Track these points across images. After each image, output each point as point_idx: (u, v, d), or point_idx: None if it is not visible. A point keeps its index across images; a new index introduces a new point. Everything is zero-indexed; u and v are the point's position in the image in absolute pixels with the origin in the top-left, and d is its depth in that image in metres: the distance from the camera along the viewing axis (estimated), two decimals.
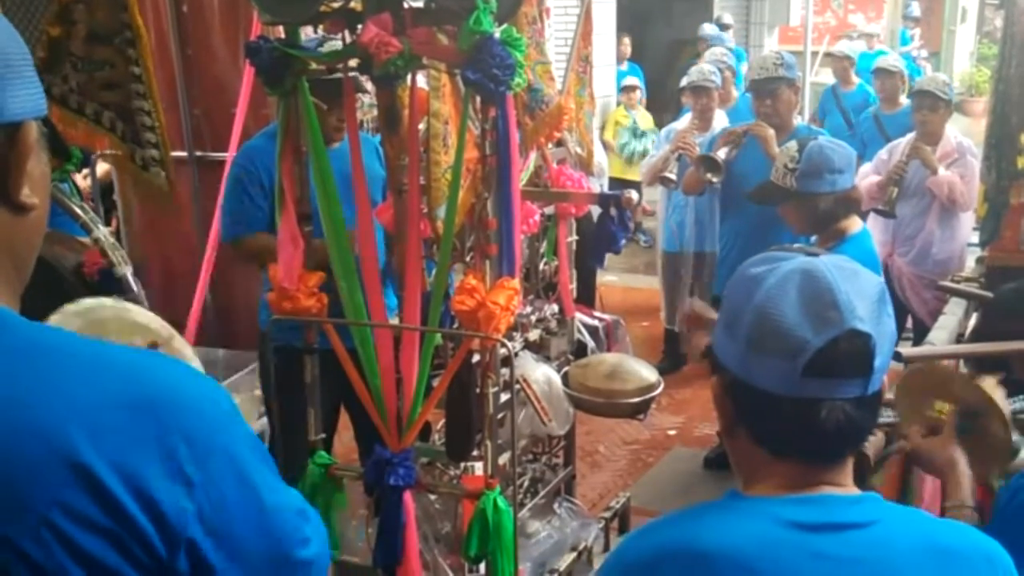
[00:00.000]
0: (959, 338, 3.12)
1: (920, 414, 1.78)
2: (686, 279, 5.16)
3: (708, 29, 8.53)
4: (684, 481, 4.17)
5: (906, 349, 3.31)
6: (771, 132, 3.65)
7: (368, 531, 2.34)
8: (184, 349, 1.61)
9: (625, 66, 8.68)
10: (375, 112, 2.48)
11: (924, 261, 4.33)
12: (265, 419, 3.59)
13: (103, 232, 2.50)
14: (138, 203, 4.05)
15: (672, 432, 4.71)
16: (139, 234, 4.25)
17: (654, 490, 4.05)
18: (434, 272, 2.17)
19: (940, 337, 3.03)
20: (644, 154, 7.43)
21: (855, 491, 1.09)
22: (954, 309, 3.42)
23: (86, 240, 2.54)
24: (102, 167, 3.20)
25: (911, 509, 1.12)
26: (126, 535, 0.79)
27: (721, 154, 3.80)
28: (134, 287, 2.51)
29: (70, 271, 2.53)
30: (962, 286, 3.48)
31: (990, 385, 1.72)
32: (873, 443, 2.07)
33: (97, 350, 0.86)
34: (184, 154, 4.03)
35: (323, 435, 2.43)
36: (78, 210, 2.49)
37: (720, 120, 5.01)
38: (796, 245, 1.34)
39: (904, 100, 5.66)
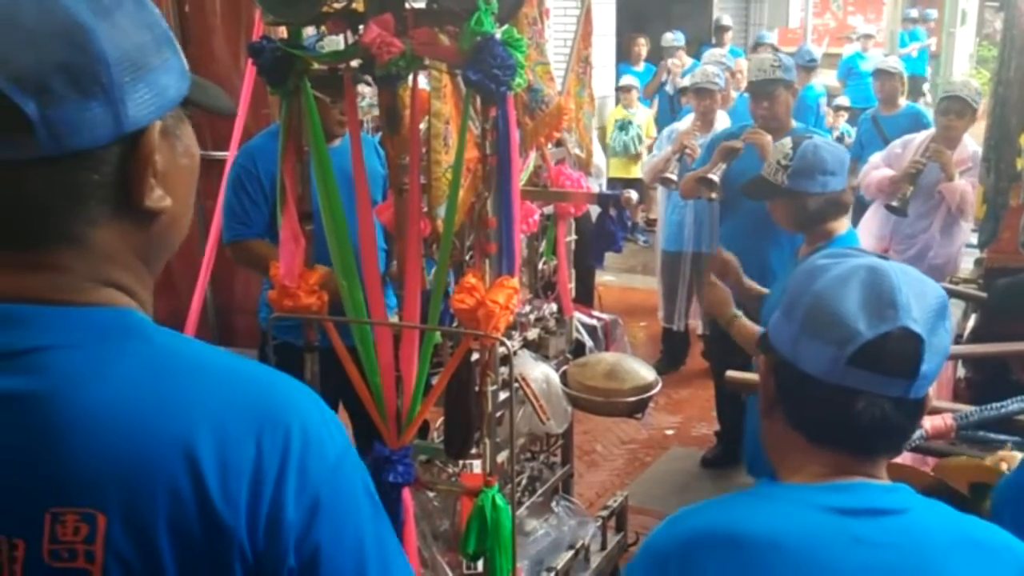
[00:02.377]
0: (958, 340, 3.12)
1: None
2: (685, 278, 5.18)
3: (669, 39, 8.54)
4: (681, 481, 4.18)
5: None
6: (768, 139, 3.66)
7: None
8: None
9: (641, 67, 8.67)
10: (375, 111, 2.49)
11: (920, 262, 4.32)
12: None
13: None
14: None
15: (670, 432, 4.72)
16: None
17: (651, 489, 4.06)
18: (434, 271, 2.19)
19: None
20: (627, 146, 7.47)
21: (888, 481, 1.10)
22: (952, 311, 3.41)
23: None
24: None
25: (938, 503, 1.12)
26: (223, 551, 0.77)
27: (716, 176, 3.83)
28: None
29: None
30: (960, 287, 3.49)
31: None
32: None
33: (229, 362, 0.85)
34: None
35: None
36: None
37: (722, 121, 5.03)
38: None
39: (903, 102, 5.67)
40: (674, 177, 4.42)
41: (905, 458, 2.28)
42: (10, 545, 0.75)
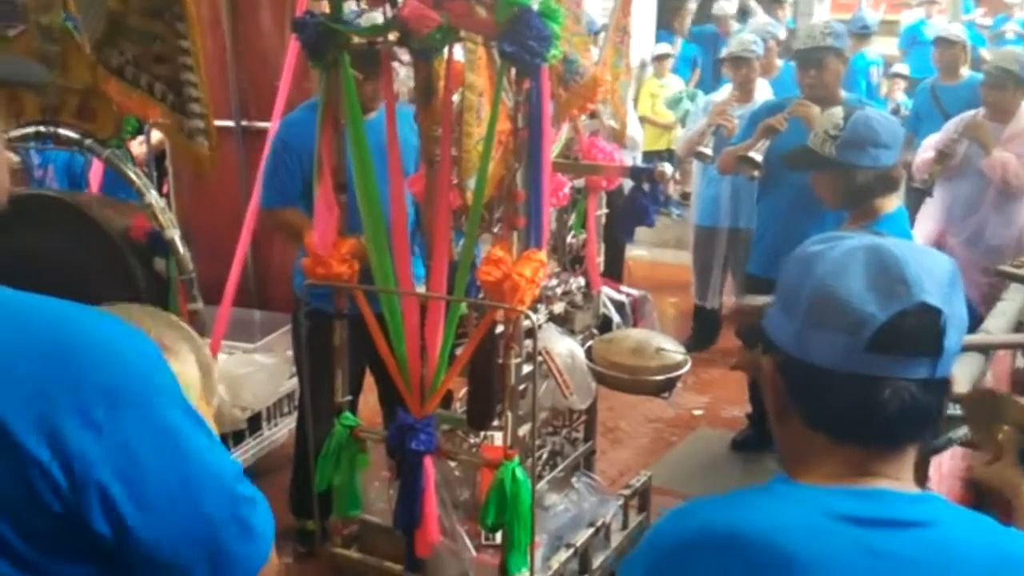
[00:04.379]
0: (1019, 327, 3.06)
1: (991, 438, 1.77)
2: (719, 256, 5.19)
3: (721, 6, 8.46)
4: (708, 463, 4.23)
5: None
6: (815, 111, 3.62)
7: (389, 493, 2.45)
8: (187, 357, 1.71)
9: (686, 35, 8.60)
10: (411, 84, 2.56)
11: (977, 244, 4.24)
12: (296, 379, 3.74)
13: (154, 197, 2.64)
14: (187, 168, 4.28)
15: (698, 412, 4.77)
16: (188, 199, 4.50)
17: (676, 470, 4.12)
18: (462, 242, 2.26)
19: (997, 325, 2.93)
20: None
21: (915, 488, 1.04)
22: (1013, 295, 3.26)
23: (139, 204, 2.68)
24: (156, 136, 3.36)
25: (978, 515, 1.04)
26: (32, 479, 0.86)
27: (758, 155, 3.79)
28: (181, 249, 2.65)
29: (119, 234, 2.67)
30: (1022, 271, 3.39)
31: None
32: None
33: (24, 301, 0.93)
34: (231, 123, 4.25)
35: (349, 397, 2.55)
36: (132, 175, 2.63)
37: (763, 91, 4.99)
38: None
39: (965, 72, 5.48)
40: (708, 151, 4.42)
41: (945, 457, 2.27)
42: None
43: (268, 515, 1.08)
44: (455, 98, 2.18)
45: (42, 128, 2.71)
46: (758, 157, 3.78)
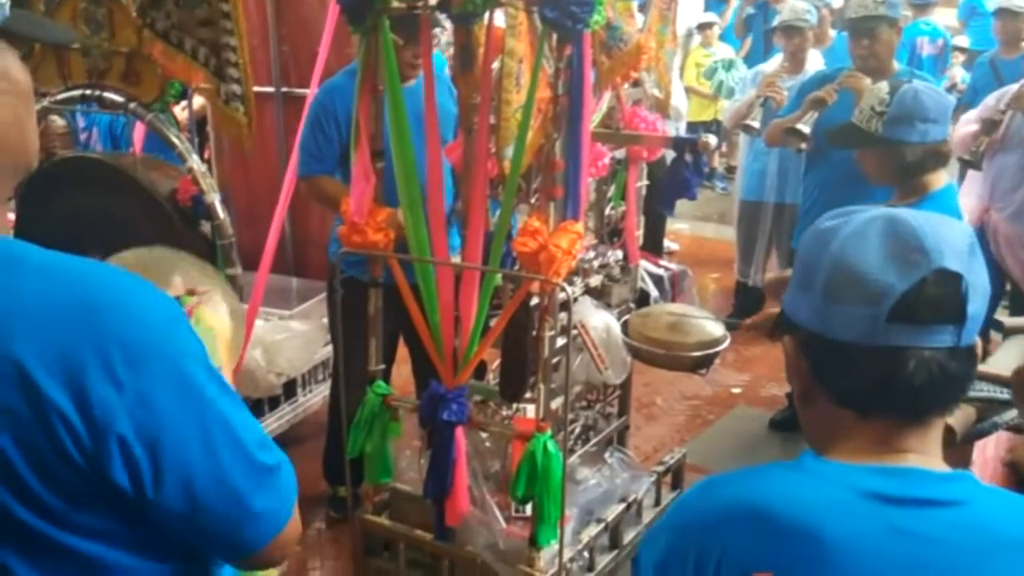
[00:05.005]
0: None
1: None
2: (764, 231, 5.13)
3: None
4: (745, 442, 4.21)
5: (1006, 318, 3.21)
6: (866, 82, 3.56)
7: (420, 462, 2.48)
8: (219, 305, 1.72)
9: (734, 2, 8.46)
10: (451, 50, 2.55)
11: (1023, 219, 4.19)
12: (331, 347, 3.78)
13: (195, 161, 2.68)
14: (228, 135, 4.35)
15: (736, 390, 4.74)
16: (228, 165, 4.55)
17: (712, 448, 4.10)
18: (498, 212, 2.26)
19: None
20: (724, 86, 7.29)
21: (945, 467, 1.03)
22: None
23: (181, 168, 2.72)
24: (198, 101, 3.40)
25: (1011, 494, 1.04)
26: (56, 431, 0.90)
27: (806, 127, 3.74)
28: (220, 214, 2.68)
29: (165, 197, 2.71)
30: None
31: None
32: (961, 417, 1.99)
33: (51, 259, 0.96)
34: (271, 89, 4.28)
35: (383, 366, 2.57)
36: (175, 139, 2.67)
37: (815, 61, 4.90)
38: None
39: None
40: (756, 124, 4.35)
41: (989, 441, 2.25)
42: None
43: (291, 481, 1.10)
44: (495, 65, 2.16)
45: (88, 91, 2.74)
46: (806, 129, 3.72)
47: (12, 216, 2.94)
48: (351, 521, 2.68)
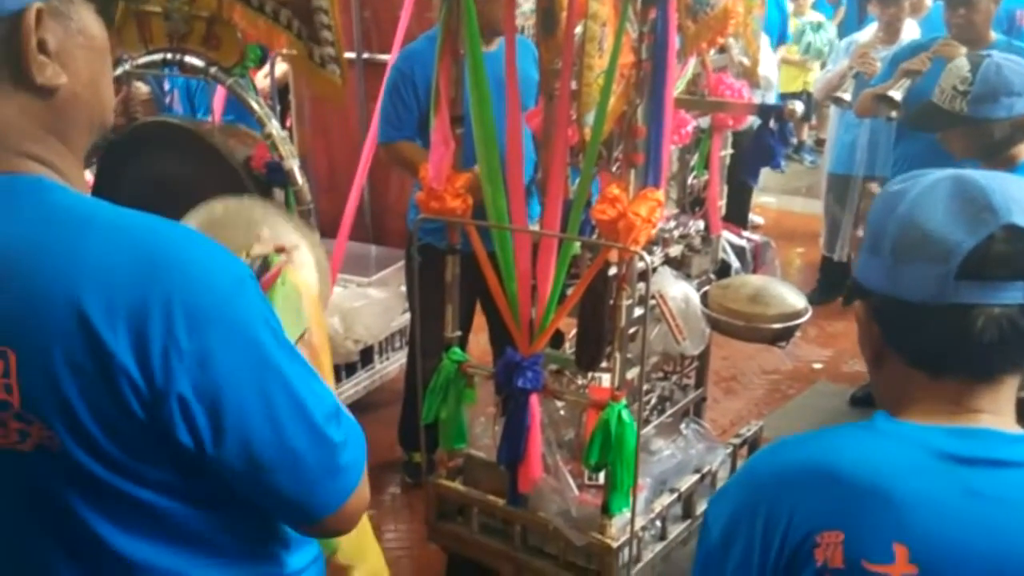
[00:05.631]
0: None
1: None
2: (852, 205, 5.02)
3: None
4: (825, 417, 4.15)
5: None
6: (961, 51, 3.45)
7: (495, 429, 2.51)
8: (307, 260, 1.76)
9: None
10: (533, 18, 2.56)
11: None
12: (408, 315, 3.85)
13: (275, 127, 2.74)
14: (309, 102, 4.40)
15: (818, 366, 4.68)
16: (308, 131, 4.64)
17: (791, 424, 4.07)
18: (577, 180, 2.26)
19: None
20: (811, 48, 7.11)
21: (1018, 429, 1.04)
22: None
23: (258, 135, 2.79)
24: (280, 68, 3.47)
25: None
26: (120, 386, 0.92)
27: (898, 94, 3.64)
28: (299, 179, 2.75)
29: (240, 163, 2.79)
30: None
31: None
32: None
33: (121, 217, 0.98)
34: (352, 55, 4.34)
35: (459, 333, 2.61)
36: (254, 104, 2.74)
37: (910, 31, 4.75)
38: None
39: None
40: (847, 97, 4.25)
41: None
42: None
43: (359, 453, 1.11)
44: (577, 29, 2.15)
45: (169, 55, 2.82)
46: (897, 96, 3.63)
47: (91, 178, 3.07)
48: (425, 486, 2.74)
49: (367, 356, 3.99)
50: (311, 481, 1.05)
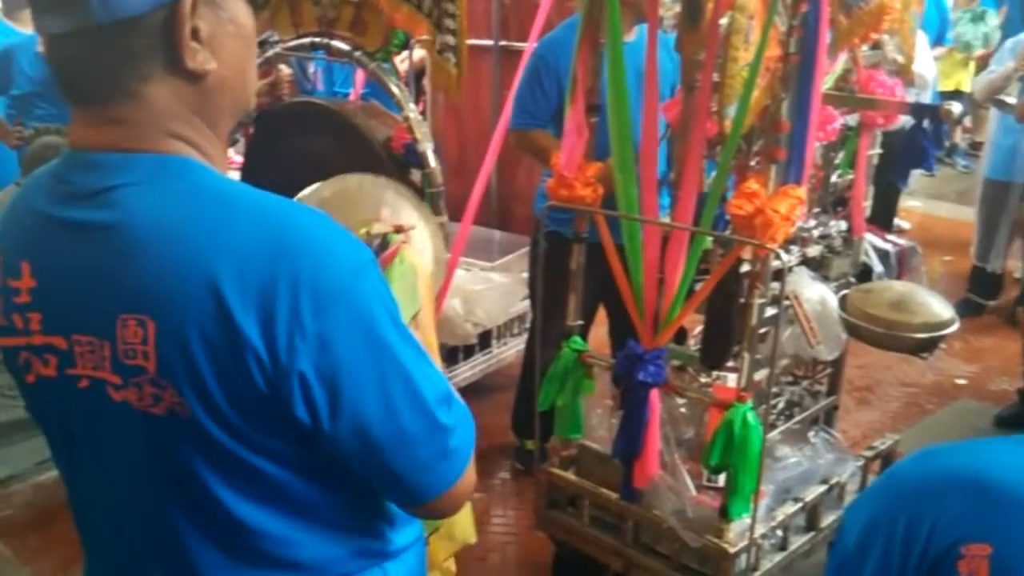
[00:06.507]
0: None
1: None
2: (1008, 212, 4.79)
3: None
4: (966, 436, 3.97)
5: None
6: None
7: (611, 421, 2.53)
8: (424, 243, 1.81)
9: None
10: (676, 8, 2.55)
11: None
12: (527, 302, 3.91)
13: (413, 110, 2.83)
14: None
15: (961, 381, 4.49)
16: (441, 115, 4.75)
17: (928, 440, 3.87)
18: (713, 173, 2.25)
19: None
20: (970, 44, 6.78)
21: None
22: None
23: (398, 117, 2.89)
24: (418, 53, 3.59)
25: None
26: (245, 358, 0.97)
27: None
28: (432, 162, 2.84)
29: (380, 143, 2.90)
30: None
31: None
32: None
33: (261, 200, 1.04)
34: (489, 42, 4.40)
35: (580, 322, 2.64)
36: (394, 88, 2.84)
37: None
38: None
39: None
40: (1012, 100, 4.06)
41: None
42: (100, 345, 1.01)
43: (469, 435, 1.15)
44: (722, 21, 2.14)
45: (317, 39, 2.95)
46: None
47: (239, 158, 3.24)
48: (536, 474, 2.78)
49: (485, 340, 4.07)
50: (421, 463, 1.10)
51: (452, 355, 3.89)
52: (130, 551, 1.16)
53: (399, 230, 1.85)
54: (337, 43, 2.91)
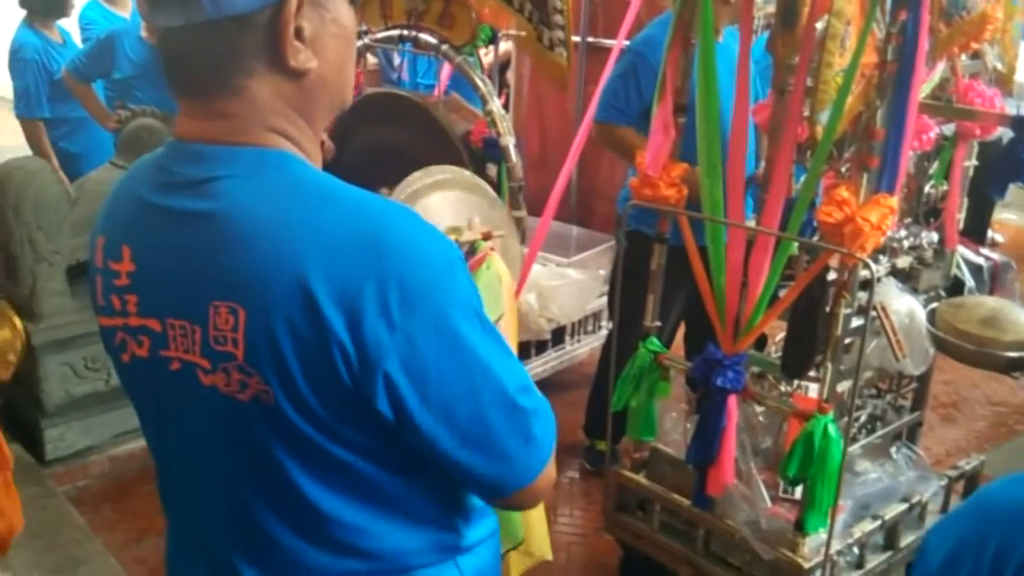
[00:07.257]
0: None
1: None
2: None
3: None
4: None
5: None
6: None
7: (686, 426, 2.54)
8: (511, 253, 1.84)
9: None
10: (768, 9, 2.55)
11: None
12: (603, 299, 3.93)
13: (496, 104, 2.89)
14: (527, 81, 4.58)
15: None
16: (524, 110, 4.80)
17: (1016, 462, 3.83)
18: (803, 178, 2.25)
19: None
20: None
21: None
22: None
23: (479, 111, 2.96)
24: (503, 47, 3.65)
25: None
26: (332, 352, 0.99)
27: None
28: (513, 156, 2.89)
29: (459, 137, 2.97)
30: None
31: None
32: None
33: (353, 195, 1.07)
34: (577, 39, 4.46)
35: (658, 323, 2.65)
36: (479, 82, 2.90)
37: None
38: None
39: None
40: None
41: None
42: (192, 330, 1.05)
43: (550, 426, 1.18)
44: (818, 25, 2.14)
45: (405, 32, 3.03)
46: None
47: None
48: (606, 475, 2.80)
49: (558, 336, 4.10)
50: (507, 454, 1.13)
51: (524, 350, 3.93)
52: (211, 529, 1.21)
53: (487, 237, 1.90)
54: (425, 36, 2.98)
